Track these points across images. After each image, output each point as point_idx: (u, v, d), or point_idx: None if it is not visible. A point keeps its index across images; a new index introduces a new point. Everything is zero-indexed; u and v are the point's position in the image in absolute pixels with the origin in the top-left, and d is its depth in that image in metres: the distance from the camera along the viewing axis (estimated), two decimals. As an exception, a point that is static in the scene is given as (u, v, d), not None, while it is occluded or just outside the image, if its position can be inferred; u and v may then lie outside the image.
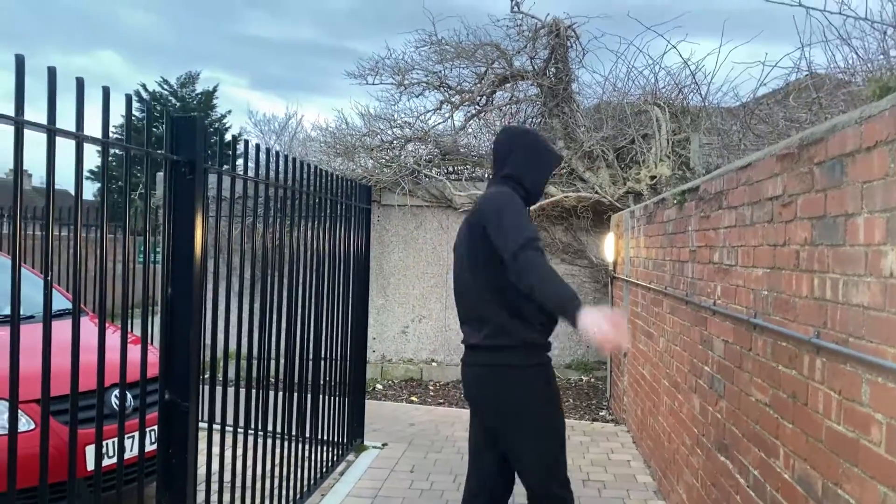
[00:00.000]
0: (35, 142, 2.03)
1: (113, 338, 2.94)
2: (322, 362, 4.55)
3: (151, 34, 52.78)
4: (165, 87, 30.73)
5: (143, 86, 30.64)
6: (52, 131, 1.93)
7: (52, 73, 1.91)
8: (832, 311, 2.10)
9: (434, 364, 8.77)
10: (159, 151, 2.47)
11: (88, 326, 3.46)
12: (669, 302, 4.46)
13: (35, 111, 1.99)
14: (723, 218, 3.31)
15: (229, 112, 32.69)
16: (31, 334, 2.61)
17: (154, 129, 29.93)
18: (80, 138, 2.03)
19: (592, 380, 8.49)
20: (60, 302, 4.44)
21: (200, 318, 2.70)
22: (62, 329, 2.79)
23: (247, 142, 3.18)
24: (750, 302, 2.88)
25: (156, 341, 3.07)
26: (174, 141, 2.59)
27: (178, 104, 31.09)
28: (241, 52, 52.00)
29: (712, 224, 3.49)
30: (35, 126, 1.88)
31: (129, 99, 2.34)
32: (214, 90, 31.64)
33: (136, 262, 7.62)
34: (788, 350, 2.45)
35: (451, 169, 9.31)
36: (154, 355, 3.14)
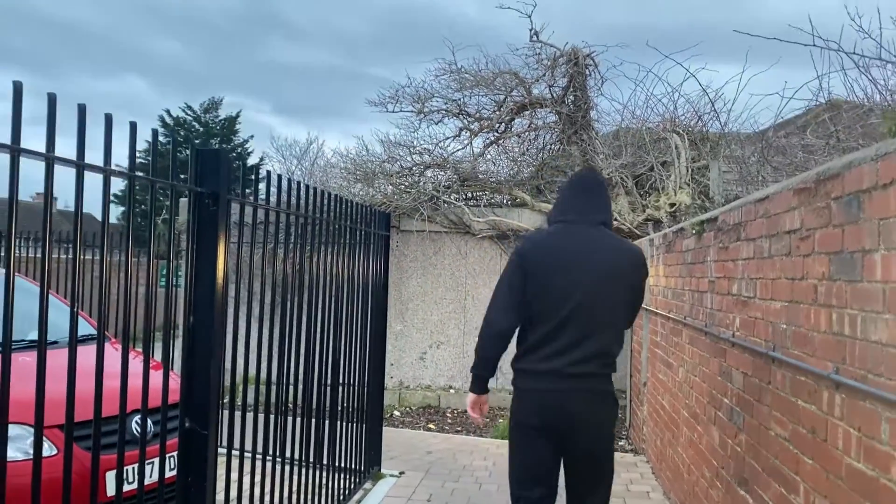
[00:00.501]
0: (61, 167, 2.06)
1: (134, 363, 2.98)
2: (340, 388, 4.58)
3: (176, 60, 53.88)
4: (189, 112, 31.23)
5: (168, 111, 31.12)
6: (81, 167, 1.99)
7: (82, 110, 1.97)
8: (851, 346, 2.09)
9: (452, 391, 8.75)
10: (184, 184, 2.53)
11: (110, 352, 3.52)
12: (688, 332, 4.43)
13: (64, 136, 2.04)
14: (741, 249, 3.31)
15: (251, 137, 33.10)
16: (52, 360, 2.66)
17: (177, 154, 30.43)
18: (107, 172, 2.09)
19: (611, 408, 8.42)
20: (83, 328, 4.52)
21: (222, 348, 2.73)
22: (83, 354, 2.84)
23: (269, 172, 3.24)
24: (769, 335, 2.86)
25: (177, 366, 3.12)
26: (199, 172, 2.65)
27: (201, 129, 31.57)
28: (264, 77, 52.89)
29: (731, 255, 3.49)
30: (65, 162, 1.94)
31: (154, 133, 2.41)
32: (237, 116, 32.08)
33: (159, 286, 7.72)
34: (808, 385, 2.43)
35: (469, 195, 9.36)
36: (175, 381, 3.19)
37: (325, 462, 4.33)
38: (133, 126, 2.30)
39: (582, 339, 2.96)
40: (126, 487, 3.48)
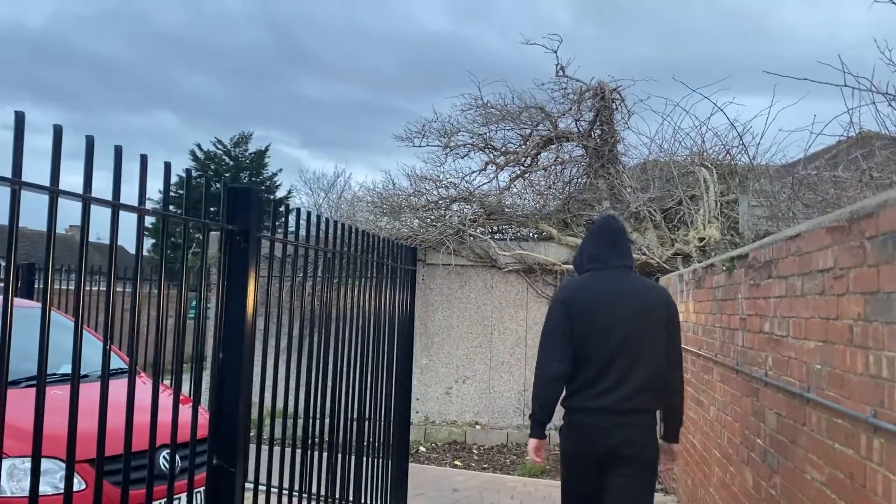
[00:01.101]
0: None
1: (163, 397, 3.00)
2: (366, 423, 4.56)
3: (206, 95, 55.04)
4: (220, 146, 31.81)
5: (199, 145, 31.70)
6: (116, 206, 2.03)
7: (118, 151, 2.02)
8: (889, 390, 2.04)
9: (478, 427, 8.67)
10: (215, 221, 2.57)
11: (139, 386, 3.55)
12: (719, 370, 4.36)
13: (98, 170, 2.07)
14: (773, 287, 3.26)
15: (280, 171, 33.60)
16: (83, 393, 2.69)
17: (209, 190, 30.93)
18: (141, 211, 2.13)
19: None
20: (113, 361, 4.57)
21: (250, 385, 2.75)
22: (113, 388, 2.87)
23: (298, 209, 3.28)
24: (803, 375, 2.81)
25: (205, 399, 3.13)
26: (230, 209, 2.69)
27: (231, 163, 32.10)
28: (293, 111, 53.74)
29: (762, 293, 3.44)
30: (101, 202, 1.98)
31: (188, 172, 2.46)
32: (266, 150, 32.60)
33: (188, 319, 7.80)
34: (844, 428, 2.37)
35: (495, 228, 9.37)
36: (204, 416, 3.20)
37: (350, 498, 4.29)
38: (167, 166, 2.34)
39: (627, 378, 3.18)
40: (153, 523, 3.49)
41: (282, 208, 3.32)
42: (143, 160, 2.20)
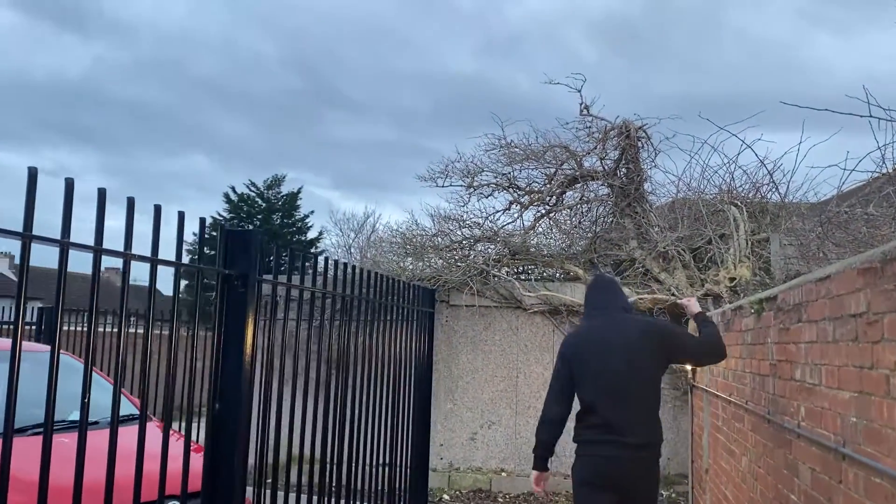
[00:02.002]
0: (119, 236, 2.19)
1: (174, 444, 2.90)
2: (380, 469, 4.40)
3: (240, 138, 56.18)
4: (253, 188, 32.27)
5: (233, 188, 32.21)
6: (127, 257, 2.00)
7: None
8: (931, 449, 1.84)
9: (504, 474, 8.40)
10: (211, 266, 2.48)
11: (150, 432, 3.45)
12: (750, 418, 4.13)
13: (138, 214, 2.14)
14: (803, 332, 3.06)
15: (312, 212, 33.89)
16: (91, 440, 2.62)
17: (214, 235, 31.30)
18: (127, 257, 2.06)
19: (673, 495, 7.93)
20: (125, 406, 4.49)
21: (247, 437, 2.63)
22: (123, 436, 2.78)
23: (304, 254, 3.20)
24: (837, 428, 2.60)
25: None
26: (228, 253, 2.61)
27: (263, 205, 32.50)
28: (325, 152, 54.50)
29: (792, 337, 3.24)
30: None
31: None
32: (299, 192, 32.99)
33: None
34: (884, 488, 2.17)
35: (520, 269, 9.22)
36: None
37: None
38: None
39: (629, 413, 3.64)
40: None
41: (286, 251, 3.23)
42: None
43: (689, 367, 6.85)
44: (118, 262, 2.17)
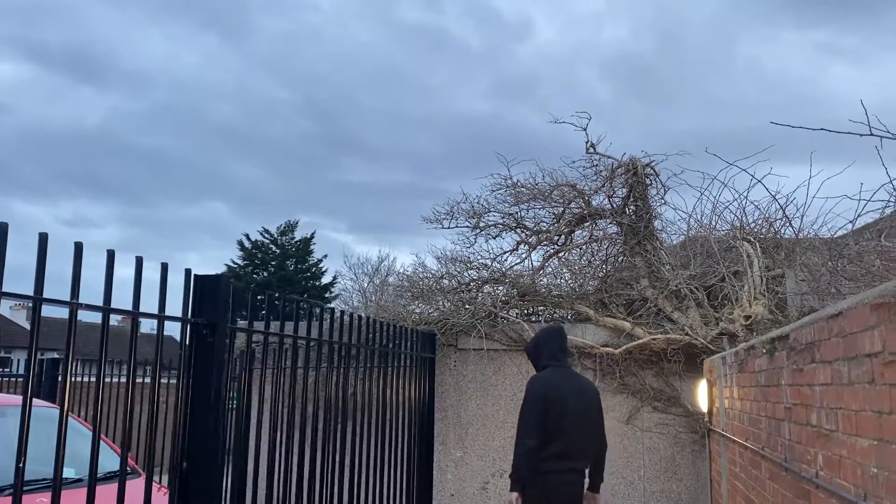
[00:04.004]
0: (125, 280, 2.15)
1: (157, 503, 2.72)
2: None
3: (256, 184, 56.77)
4: (266, 235, 32.40)
5: (247, 235, 32.36)
6: (107, 312, 1.92)
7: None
8: (961, 507, 1.63)
9: (516, 524, 8.07)
10: (174, 316, 2.34)
11: (134, 490, 3.28)
12: (767, 465, 3.88)
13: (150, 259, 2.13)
14: (817, 373, 2.85)
15: (325, 256, 33.85)
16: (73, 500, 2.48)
17: (255, 276, 31.24)
18: (73, 306, 1.93)
19: (695, 545, 7.55)
20: (111, 460, 4.32)
21: (220, 498, 2.45)
22: (107, 494, 2.62)
23: (284, 300, 3.05)
24: (857, 478, 2.38)
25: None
26: (197, 300, 2.47)
27: (277, 252, 32.58)
28: (340, 197, 54.97)
29: (806, 379, 3.03)
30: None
31: (164, 269, 2.26)
32: (312, 236, 33.08)
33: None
34: (911, 550, 1.94)
35: (529, 310, 9.01)
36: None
37: None
38: (139, 261, 2.20)
39: (584, 448, 4.67)
40: None
41: (260, 296, 3.08)
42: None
43: (705, 410, 6.58)
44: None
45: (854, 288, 4.28)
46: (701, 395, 6.64)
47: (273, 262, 32.19)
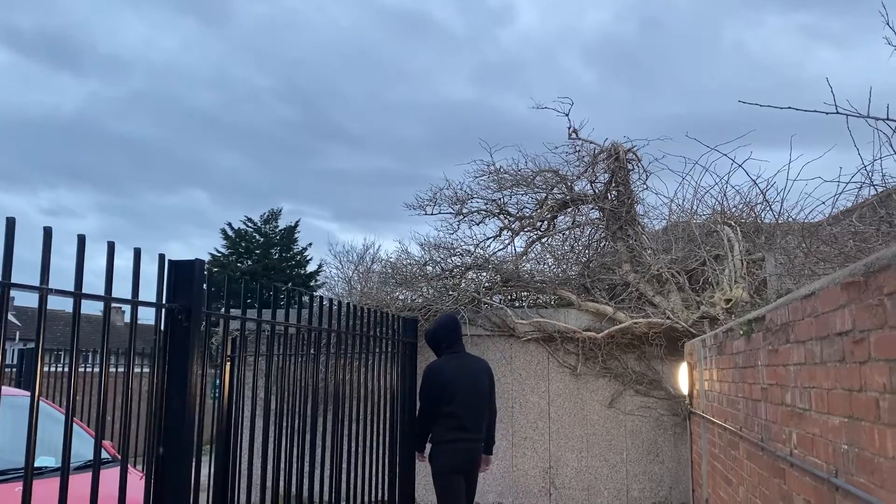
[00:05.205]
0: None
1: (136, 491, 2.71)
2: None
3: (238, 172, 56.27)
4: (249, 224, 32.17)
5: (230, 224, 32.09)
6: (78, 297, 1.87)
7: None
8: (926, 481, 1.66)
9: (500, 508, 8.13)
10: (149, 301, 2.32)
11: (113, 478, 3.27)
12: (745, 446, 3.93)
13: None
14: (791, 353, 2.89)
15: (310, 245, 33.66)
16: (43, 489, 2.46)
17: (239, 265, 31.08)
18: (77, 296, 1.91)
19: (676, 526, 7.65)
20: (90, 448, 4.29)
21: (193, 483, 2.45)
22: (80, 482, 2.61)
23: (259, 286, 3.03)
24: (829, 456, 2.41)
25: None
26: (172, 285, 2.45)
27: (261, 240, 32.37)
28: (324, 185, 54.62)
29: (781, 359, 3.06)
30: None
31: (137, 254, 2.24)
32: (296, 225, 32.85)
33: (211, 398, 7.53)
34: (879, 524, 1.97)
35: (512, 296, 9.04)
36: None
37: None
38: (110, 246, 2.17)
39: (472, 419, 5.39)
40: None
41: (239, 283, 3.07)
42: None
43: (685, 392, 6.65)
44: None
45: (828, 269, 4.32)
46: (682, 377, 6.70)
47: (257, 251, 31.98)
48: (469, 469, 5.38)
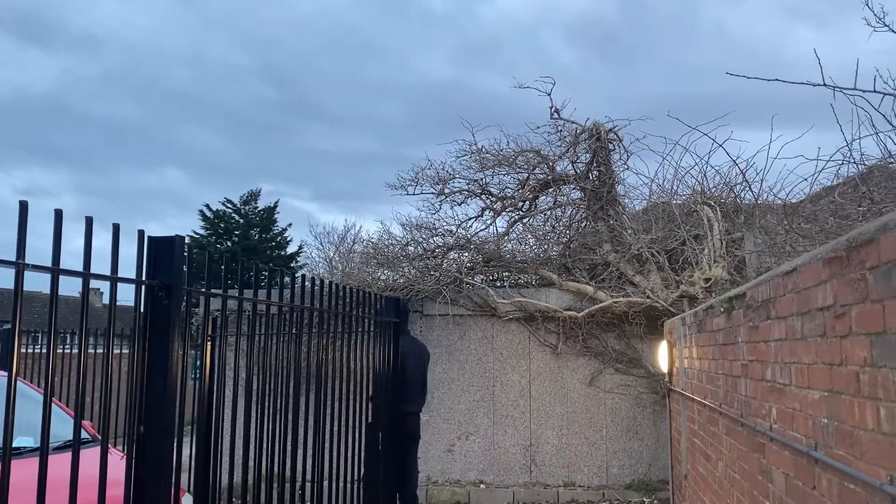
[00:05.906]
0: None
1: (117, 471, 2.67)
2: (349, 486, 4.19)
3: (216, 151, 55.47)
4: (228, 205, 31.87)
5: (207, 205, 31.75)
6: (56, 273, 1.84)
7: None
8: (905, 451, 1.68)
9: (482, 486, 8.20)
10: (129, 278, 2.28)
11: (93, 458, 3.23)
12: (724, 422, 3.97)
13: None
14: (772, 329, 2.91)
15: (290, 225, 33.43)
16: (23, 470, 2.42)
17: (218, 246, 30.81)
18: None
19: (655, 502, 7.76)
20: (70, 428, 4.25)
21: (174, 463, 2.42)
22: (60, 463, 2.57)
23: (241, 263, 3.00)
24: (809, 430, 2.44)
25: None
26: (152, 262, 2.41)
27: (241, 221, 32.10)
28: (303, 165, 53.99)
29: (762, 336, 3.09)
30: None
31: (116, 229, 2.19)
32: (275, 205, 32.57)
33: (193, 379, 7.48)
34: (858, 495, 2.00)
35: (494, 276, 9.05)
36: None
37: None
38: (89, 221, 2.12)
39: (423, 394, 6.42)
40: None
41: (222, 261, 3.03)
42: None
43: (665, 370, 6.71)
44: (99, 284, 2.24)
45: (809, 246, 4.36)
46: (661, 356, 6.76)
47: (237, 232, 31.71)
48: (413, 436, 6.27)
